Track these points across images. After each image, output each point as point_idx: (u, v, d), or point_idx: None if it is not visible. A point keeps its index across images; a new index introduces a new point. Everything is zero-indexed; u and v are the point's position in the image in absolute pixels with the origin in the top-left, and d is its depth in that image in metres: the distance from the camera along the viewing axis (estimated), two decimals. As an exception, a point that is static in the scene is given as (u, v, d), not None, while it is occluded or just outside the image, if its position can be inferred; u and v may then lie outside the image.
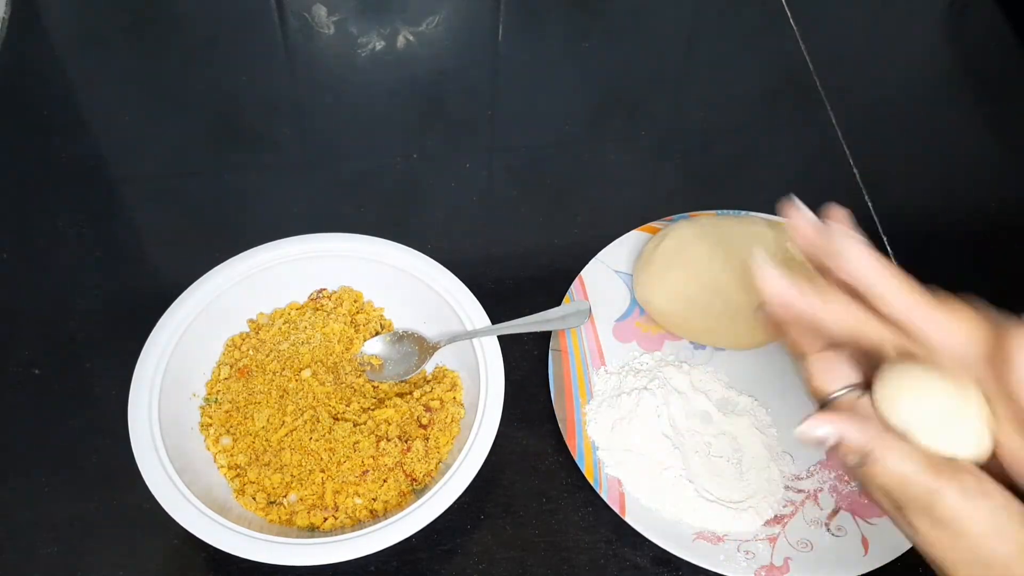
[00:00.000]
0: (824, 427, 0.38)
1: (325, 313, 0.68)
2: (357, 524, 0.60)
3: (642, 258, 0.71)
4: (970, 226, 0.80)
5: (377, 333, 0.69)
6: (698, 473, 0.62)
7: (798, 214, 0.42)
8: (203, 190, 0.80)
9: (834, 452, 0.39)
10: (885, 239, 0.77)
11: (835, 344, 0.42)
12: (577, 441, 0.64)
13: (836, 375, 0.41)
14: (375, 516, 0.61)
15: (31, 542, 0.61)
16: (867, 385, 0.41)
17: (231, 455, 0.63)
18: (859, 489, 0.41)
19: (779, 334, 0.44)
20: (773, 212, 0.76)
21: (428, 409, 0.64)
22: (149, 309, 0.65)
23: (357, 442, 0.62)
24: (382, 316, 0.70)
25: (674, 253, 0.70)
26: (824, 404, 0.41)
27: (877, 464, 0.38)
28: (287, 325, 0.68)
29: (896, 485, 0.38)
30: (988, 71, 0.92)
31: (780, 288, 0.41)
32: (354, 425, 0.63)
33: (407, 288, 0.68)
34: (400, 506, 0.59)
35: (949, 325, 0.38)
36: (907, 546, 0.59)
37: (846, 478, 0.63)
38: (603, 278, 0.72)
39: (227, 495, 0.61)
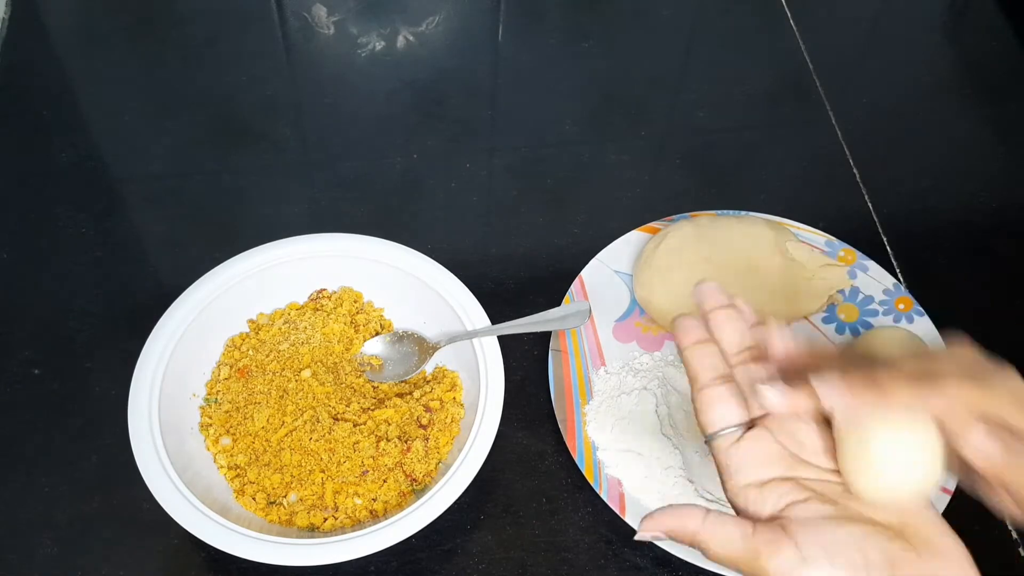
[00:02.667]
0: (652, 532, 0.42)
1: (325, 313, 0.68)
2: (357, 524, 0.60)
3: (642, 258, 0.71)
4: (970, 226, 0.80)
5: (377, 333, 0.69)
6: (698, 473, 0.62)
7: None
8: (203, 190, 0.80)
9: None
10: (885, 239, 0.77)
11: (727, 376, 0.43)
12: (577, 441, 0.64)
13: (721, 413, 0.42)
14: (375, 516, 0.61)
15: (31, 542, 0.61)
16: (750, 424, 0.42)
17: (231, 455, 0.63)
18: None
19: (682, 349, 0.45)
20: (773, 212, 0.76)
21: (428, 409, 0.64)
22: (149, 309, 0.65)
23: (357, 442, 0.62)
24: (382, 316, 0.70)
25: (674, 253, 0.70)
26: (707, 439, 0.43)
27: (707, 550, 0.41)
28: (287, 325, 0.68)
29: (725, 563, 0.41)
30: (988, 71, 0.92)
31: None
32: (354, 425, 0.63)
33: (407, 288, 0.68)
34: (400, 506, 0.59)
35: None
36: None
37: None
38: (603, 278, 0.72)
39: (227, 495, 0.61)
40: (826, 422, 0.41)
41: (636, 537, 0.42)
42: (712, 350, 0.44)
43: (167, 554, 0.61)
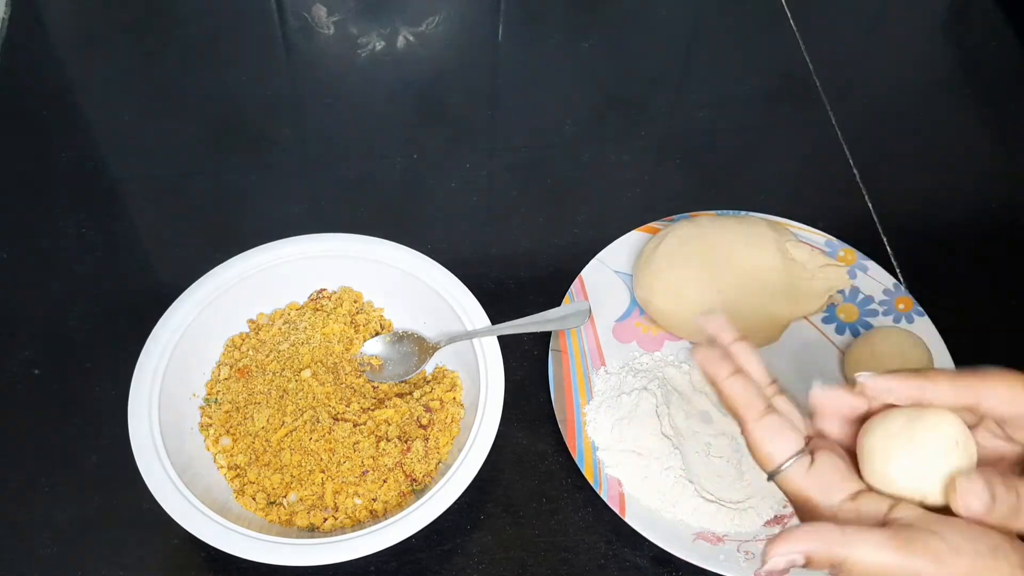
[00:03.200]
0: (788, 555, 0.37)
1: (325, 313, 0.68)
2: (357, 524, 0.60)
3: (642, 258, 0.71)
4: (970, 226, 0.80)
5: (377, 333, 0.69)
6: (698, 473, 0.62)
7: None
8: (203, 190, 0.80)
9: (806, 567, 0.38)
10: (885, 239, 0.77)
11: (771, 406, 0.41)
12: (577, 441, 0.64)
13: (783, 443, 0.40)
14: (375, 516, 0.61)
15: (31, 542, 0.61)
16: (810, 441, 0.40)
17: (231, 455, 0.63)
18: None
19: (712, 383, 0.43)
20: (773, 212, 0.76)
21: (428, 409, 0.64)
22: (149, 309, 0.65)
23: (357, 442, 0.62)
24: (382, 316, 0.70)
25: (674, 253, 0.70)
26: (774, 473, 0.40)
27: (854, 566, 0.36)
28: (287, 325, 0.68)
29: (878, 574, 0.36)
30: (988, 71, 0.92)
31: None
32: (354, 425, 0.63)
33: (407, 288, 0.68)
34: (400, 506, 0.59)
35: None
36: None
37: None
38: (603, 278, 0.72)
39: (227, 495, 0.61)
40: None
41: (765, 569, 0.37)
42: (749, 381, 0.41)
43: (167, 554, 0.61)
